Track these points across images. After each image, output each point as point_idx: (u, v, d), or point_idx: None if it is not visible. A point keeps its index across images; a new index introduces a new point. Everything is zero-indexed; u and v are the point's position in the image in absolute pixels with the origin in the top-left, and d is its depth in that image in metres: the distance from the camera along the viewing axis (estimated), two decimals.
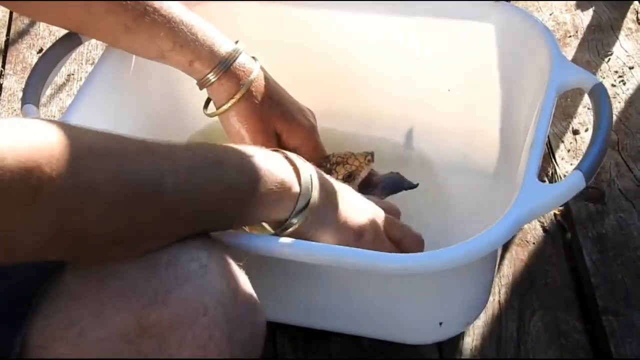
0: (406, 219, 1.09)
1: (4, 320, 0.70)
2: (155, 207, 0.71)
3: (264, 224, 0.87)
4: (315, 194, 0.83)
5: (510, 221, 0.85)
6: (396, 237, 0.92)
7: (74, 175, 0.64)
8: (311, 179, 0.83)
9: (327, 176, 0.88)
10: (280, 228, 0.83)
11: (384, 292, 0.94)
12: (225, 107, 1.03)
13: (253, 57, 1.05)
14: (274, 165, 0.81)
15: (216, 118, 1.06)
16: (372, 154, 1.05)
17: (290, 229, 0.83)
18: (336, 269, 0.87)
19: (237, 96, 1.02)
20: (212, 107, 1.05)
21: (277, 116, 1.05)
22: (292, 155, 0.84)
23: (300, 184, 0.82)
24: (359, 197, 0.92)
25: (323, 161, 1.07)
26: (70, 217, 0.65)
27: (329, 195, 0.86)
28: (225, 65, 1.01)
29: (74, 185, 0.64)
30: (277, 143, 1.05)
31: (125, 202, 0.68)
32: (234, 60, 1.02)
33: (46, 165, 0.62)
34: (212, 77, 1.01)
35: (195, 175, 0.74)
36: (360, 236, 0.88)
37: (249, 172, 0.78)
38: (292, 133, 1.06)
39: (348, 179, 1.04)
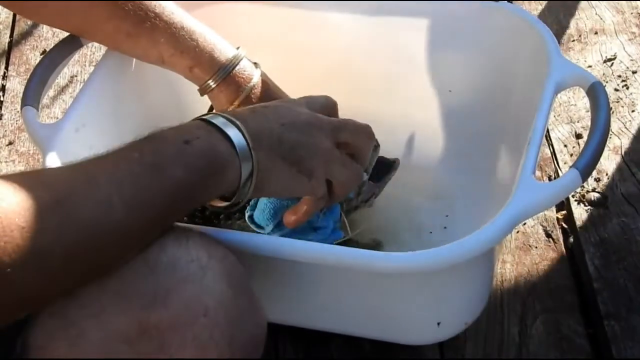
0: (407, 218, 1.09)
1: None
2: (110, 240, 0.70)
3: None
4: (255, 156, 0.79)
5: (505, 219, 0.85)
6: (345, 141, 0.88)
7: (24, 243, 0.63)
8: (247, 141, 0.79)
9: (263, 112, 0.84)
10: (233, 200, 0.81)
11: (381, 292, 0.93)
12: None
13: (255, 63, 1.04)
14: (208, 147, 0.77)
15: None
16: (396, 162, 1.04)
17: (244, 198, 0.81)
18: (335, 269, 0.87)
19: (236, 103, 1.01)
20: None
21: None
22: (218, 120, 0.79)
23: (237, 154, 0.78)
24: (300, 124, 0.85)
25: None
26: (31, 282, 0.65)
27: (269, 146, 0.82)
28: (225, 72, 1.01)
29: (28, 250, 0.63)
30: None
31: (80, 250, 0.67)
32: (234, 67, 1.01)
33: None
34: (212, 83, 1.01)
35: (139, 191, 0.71)
36: (311, 175, 0.85)
37: (190, 164, 0.75)
38: None
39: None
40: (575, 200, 1.25)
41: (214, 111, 0.79)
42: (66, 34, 1.06)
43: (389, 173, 1.06)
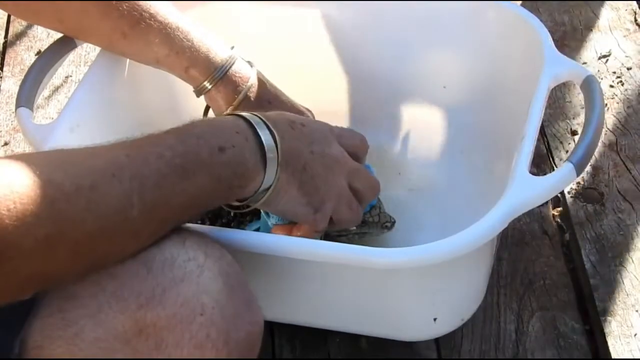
0: (402, 215, 1.09)
1: (4, 321, 0.70)
2: (122, 235, 0.71)
3: None
4: (279, 175, 0.82)
5: (500, 213, 0.85)
6: (356, 187, 0.91)
7: (40, 227, 0.64)
8: (278, 160, 0.81)
9: (300, 130, 0.86)
10: (240, 205, 0.83)
11: (377, 288, 0.94)
12: (224, 114, 1.02)
13: (249, 62, 1.04)
14: (240, 158, 0.79)
15: None
16: (393, 224, 1.05)
17: (249, 208, 0.84)
18: (331, 265, 0.87)
19: (235, 103, 1.01)
20: (211, 114, 1.05)
21: None
22: (261, 127, 0.81)
23: (264, 169, 0.81)
24: (328, 158, 0.88)
25: None
26: (42, 264, 0.65)
27: (293, 169, 0.84)
28: (221, 72, 1.00)
29: (43, 235, 0.64)
30: None
31: (92, 239, 0.68)
32: (230, 67, 1.01)
33: (10, 218, 0.62)
34: (208, 84, 1.01)
35: (161, 193, 0.72)
36: (318, 209, 0.88)
37: (217, 174, 0.77)
38: None
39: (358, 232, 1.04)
40: (571, 197, 1.25)
41: (251, 113, 0.81)
42: (61, 34, 1.05)
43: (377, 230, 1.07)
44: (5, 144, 1.43)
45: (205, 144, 0.77)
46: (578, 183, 1.26)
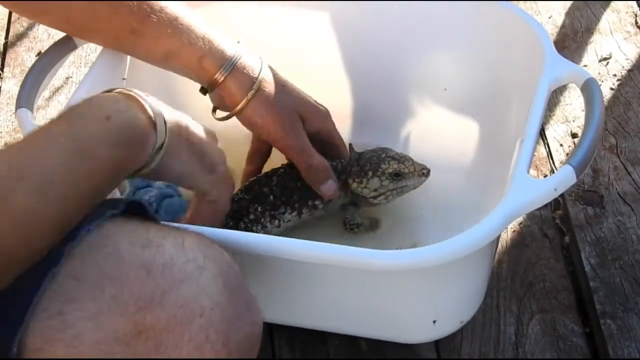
0: (402, 216, 1.09)
1: (3, 321, 0.70)
2: (40, 232, 0.70)
3: None
4: (168, 138, 0.83)
5: (500, 215, 0.85)
6: None
7: None
8: (165, 125, 0.82)
9: (176, 114, 0.87)
10: (136, 172, 0.83)
11: (376, 290, 0.94)
12: (243, 103, 1.01)
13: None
14: (129, 118, 0.78)
15: (212, 120, 1.05)
16: (429, 171, 1.06)
17: (145, 170, 0.83)
18: (330, 267, 0.87)
19: (255, 87, 1.01)
20: (219, 114, 1.05)
21: (296, 102, 1.05)
22: (145, 100, 0.82)
23: (156, 131, 0.81)
24: (202, 134, 0.91)
25: (370, 151, 1.09)
26: None
27: (178, 128, 0.86)
28: (233, 62, 1.00)
29: None
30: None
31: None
32: (241, 57, 1.01)
33: None
34: (221, 75, 1.00)
35: (68, 185, 0.72)
36: (213, 170, 0.91)
37: (114, 141, 0.76)
38: (312, 117, 1.06)
39: (396, 177, 1.04)
40: (571, 199, 1.25)
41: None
42: (61, 35, 1.05)
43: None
44: (6, 144, 1.43)
45: (92, 117, 0.76)
46: (578, 185, 1.26)
